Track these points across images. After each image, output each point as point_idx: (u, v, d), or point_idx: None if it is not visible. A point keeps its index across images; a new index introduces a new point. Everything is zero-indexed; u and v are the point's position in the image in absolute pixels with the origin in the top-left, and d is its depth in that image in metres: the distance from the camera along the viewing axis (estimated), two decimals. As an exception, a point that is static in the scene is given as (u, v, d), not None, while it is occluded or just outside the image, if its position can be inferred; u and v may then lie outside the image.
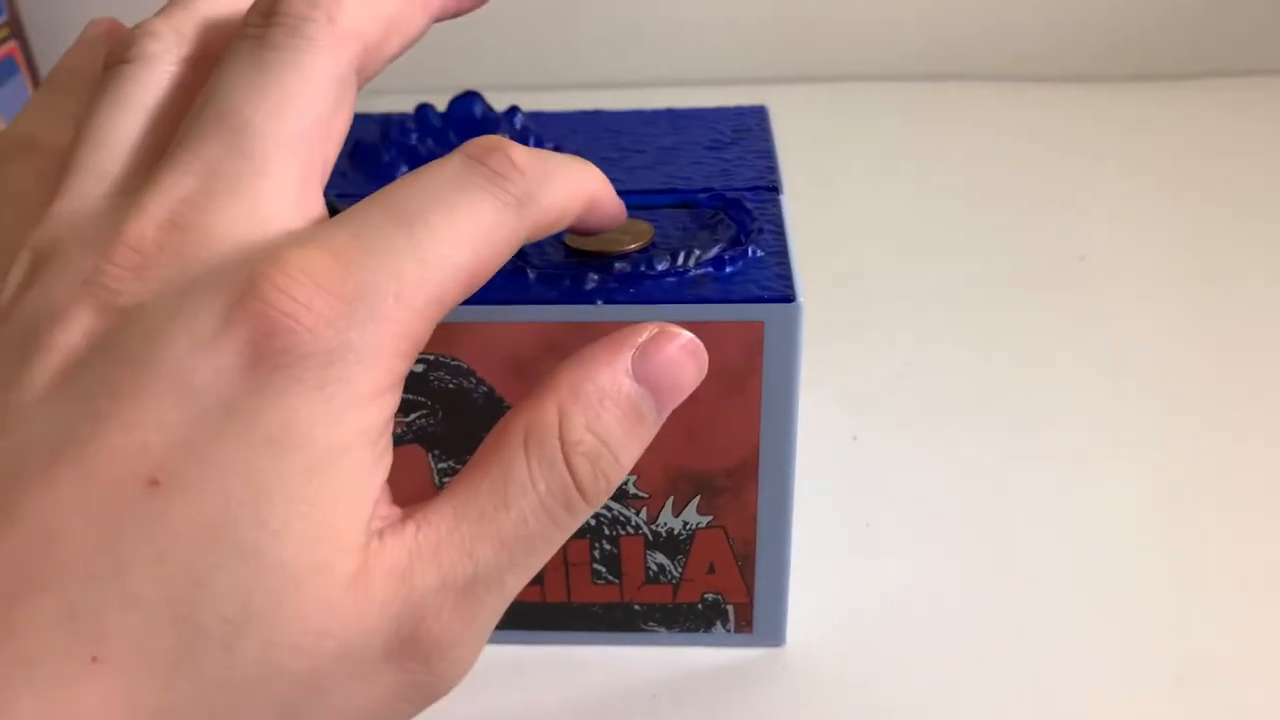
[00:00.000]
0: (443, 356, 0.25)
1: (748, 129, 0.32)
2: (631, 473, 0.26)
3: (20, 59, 0.63)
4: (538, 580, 0.29)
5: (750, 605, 0.29)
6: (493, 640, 0.30)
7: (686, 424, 0.26)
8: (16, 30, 0.63)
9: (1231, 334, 0.43)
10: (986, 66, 0.69)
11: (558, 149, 0.31)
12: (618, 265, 0.25)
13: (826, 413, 0.39)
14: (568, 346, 0.25)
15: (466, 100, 0.31)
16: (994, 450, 0.37)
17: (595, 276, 0.25)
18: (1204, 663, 0.29)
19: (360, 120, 0.34)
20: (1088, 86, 0.67)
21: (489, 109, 0.31)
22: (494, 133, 0.30)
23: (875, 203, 0.54)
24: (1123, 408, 0.39)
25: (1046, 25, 0.68)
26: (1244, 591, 0.31)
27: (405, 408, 0.26)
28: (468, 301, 0.24)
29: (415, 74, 0.69)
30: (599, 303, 0.24)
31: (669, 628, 0.29)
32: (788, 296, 0.24)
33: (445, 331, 0.25)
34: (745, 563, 0.28)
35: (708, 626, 0.29)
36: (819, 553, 0.33)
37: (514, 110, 0.31)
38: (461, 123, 0.31)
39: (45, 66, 0.69)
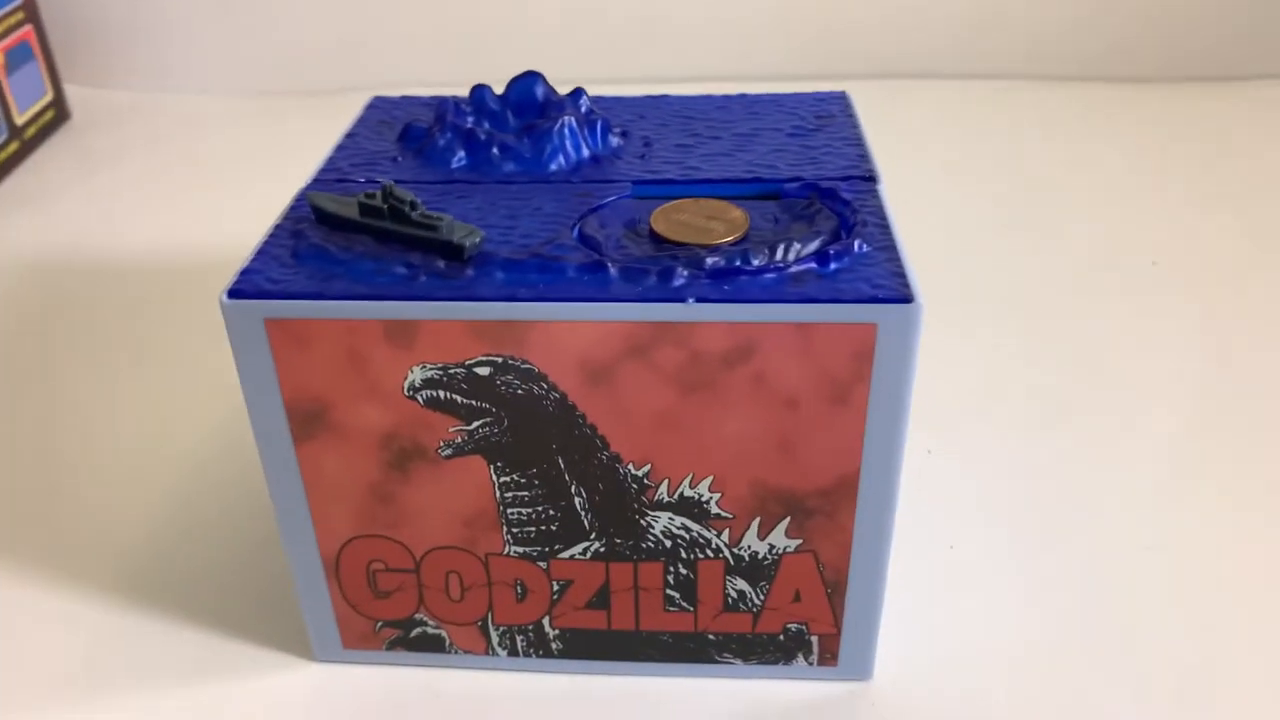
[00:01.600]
0: (512, 359, 0.22)
1: (831, 115, 0.30)
2: (714, 490, 0.24)
3: (35, 44, 0.61)
4: (603, 605, 0.26)
5: (837, 637, 0.26)
6: (551, 670, 0.27)
7: (780, 438, 0.23)
8: (32, 14, 0.61)
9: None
10: (1047, 66, 0.66)
11: (625, 134, 0.29)
12: (709, 260, 0.22)
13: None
14: (652, 350, 0.22)
15: (527, 80, 0.28)
16: (1074, 462, 0.34)
17: (684, 272, 0.22)
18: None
19: (406, 103, 0.31)
20: (1148, 87, 0.65)
21: (551, 90, 0.28)
22: (557, 115, 0.28)
23: (933, 206, 0.52)
24: (1213, 416, 0.36)
25: (1117, 24, 0.65)
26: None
27: (468, 415, 0.23)
28: (542, 298, 0.22)
29: (428, 70, 0.67)
30: (690, 300, 0.21)
31: (746, 659, 0.27)
32: (905, 296, 0.21)
33: (516, 330, 0.22)
34: (835, 591, 0.25)
35: (788, 658, 0.27)
36: (902, 579, 0.30)
37: (579, 92, 0.28)
38: (522, 105, 0.28)
39: (60, 51, 0.67)
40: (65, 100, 0.64)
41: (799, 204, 0.25)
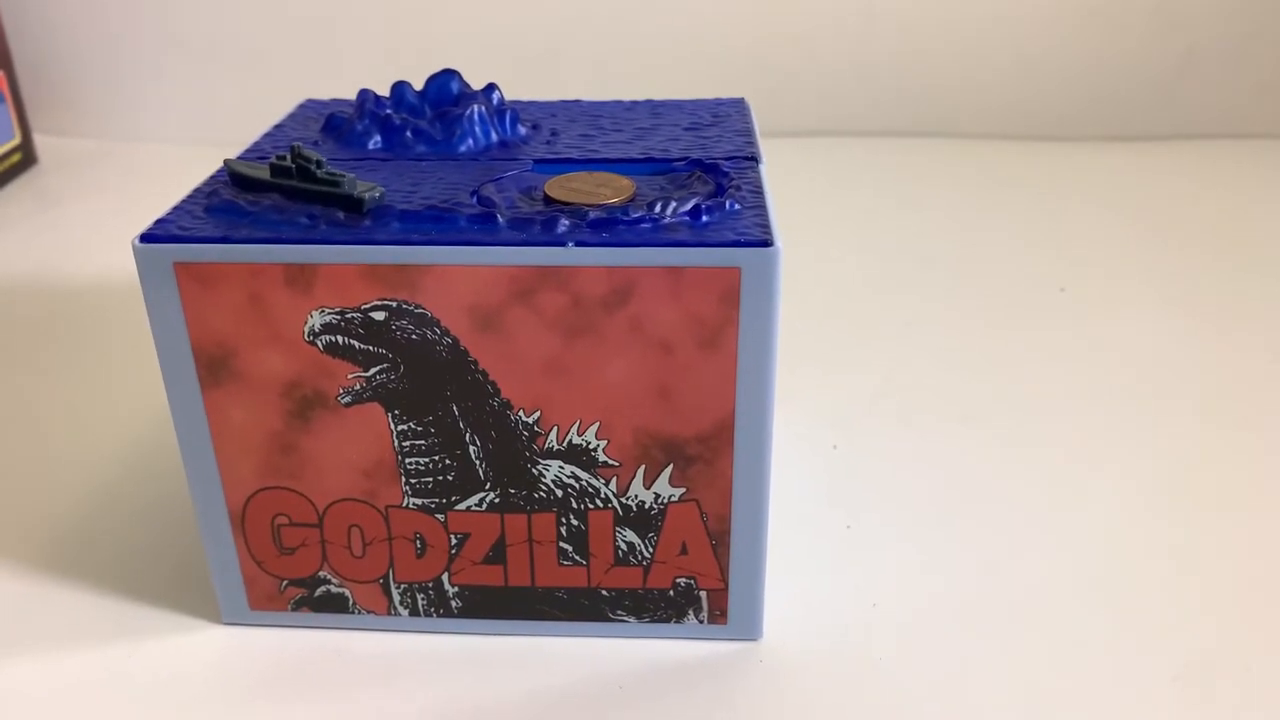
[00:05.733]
0: (406, 304, 0.24)
1: (727, 114, 0.32)
2: (601, 437, 0.25)
3: (5, 88, 0.63)
4: (500, 560, 0.27)
5: (725, 592, 0.27)
6: (451, 630, 0.28)
7: (658, 382, 0.25)
8: (3, 60, 0.63)
9: (1202, 350, 0.42)
10: (964, 124, 0.70)
11: (535, 126, 0.31)
12: (592, 213, 0.24)
13: (807, 424, 0.38)
14: (537, 294, 0.24)
15: (444, 77, 0.30)
16: (973, 458, 0.36)
17: (567, 221, 0.24)
18: (1185, 662, 0.27)
19: (335, 104, 0.34)
20: (1062, 145, 0.68)
21: (466, 85, 0.31)
22: (469, 107, 0.30)
23: (858, 246, 0.54)
24: (1099, 418, 0.38)
25: (1024, 87, 0.69)
26: (1225, 589, 0.30)
27: (365, 360, 0.25)
28: (434, 242, 0.23)
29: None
30: (570, 244, 0.23)
31: (639, 617, 0.28)
32: (765, 241, 0.23)
33: (409, 275, 0.24)
34: (719, 542, 0.27)
35: (680, 616, 0.28)
36: (799, 552, 0.31)
37: (492, 87, 0.31)
38: (439, 100, 0.31)
39: (31, 101, 0.70)
40: (33, 145, 0.66)
41: (683, 176, 0.27)
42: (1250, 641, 0.28)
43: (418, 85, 0.31)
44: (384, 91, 0.33)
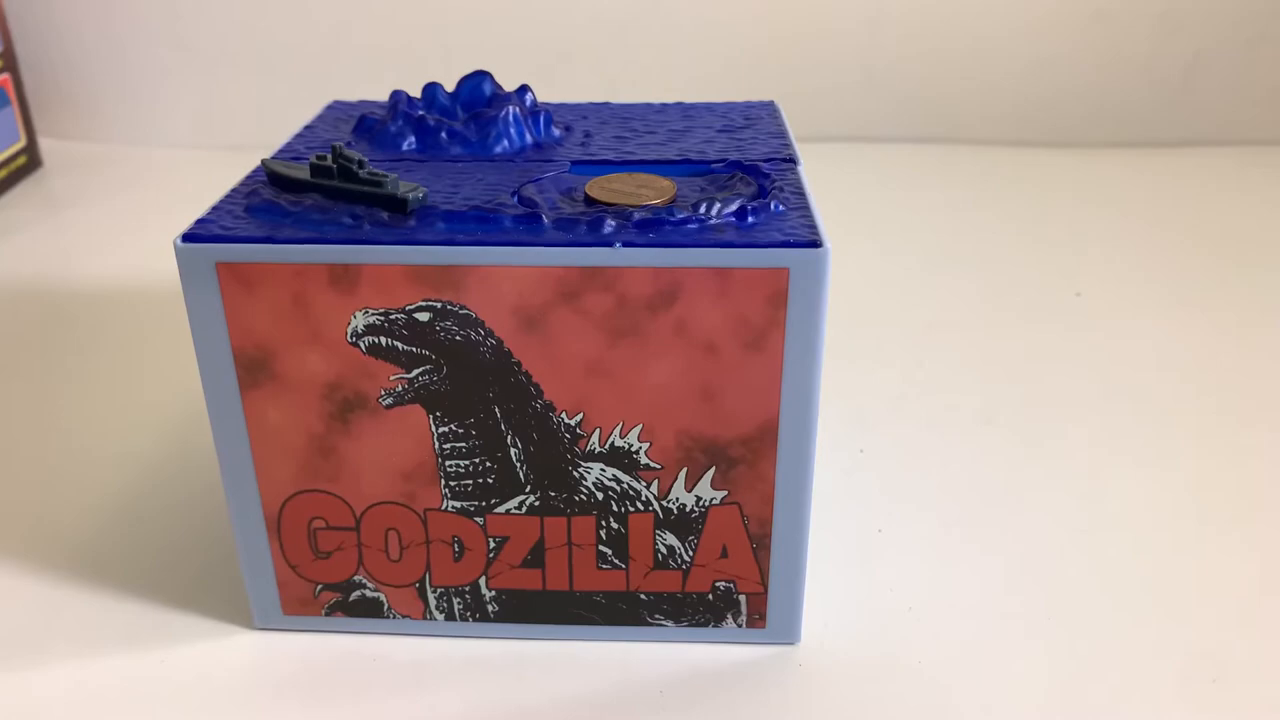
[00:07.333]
0: (450, 304, 0.24)
1: (759, 117, 0.32)
2: (643, 439, 0.25)
3: (11, 91, 0.63)
4: (538, 563, 0.27)
5: (764, 596, 0.27)
6: (488, 635, 0.28)
7: (703, 385, 0.24)
8: (10, 64, 0.63)
9: (1218, 354, 0.42)
10: (973, 131, 0.70)
11: (568, 128, 0.31)
12: (636, 214, 0.24)
13: (834, 428, 0.38)
14: (582, 295, 0.24)
15: (476, 78, 0.30)
16: (998, 461, 0.36)
17: (613, 222, 0.24)
18: (1220, 663, 0.27)
19: (364, 105, 0.33)
20: (1071, 151, 0.69)
21: (498, 87, 0.30)
22: (504, 108, 0.29)
23: (872, 251, 0.54)
24: (1120, 421, 0.38)
25: (1033, 95, 0.69)
26: (1259, 589, 0.30)
27: (409, 362, 0.24)
28: (479, 242, 0.23)
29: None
30: (617, 245, 0.23)
31: (677, 621, 0.28)
32: (815, 242, 0.23)
33: (454, 275, 0.23)
34: (760, 545, 0.26)
35: (718, 620, 0.27)
36: (833, 557, 0.31)
37: (525, 89, 0.30)
38: (471, 101, 0.30)
39: (36, 105, 0.69)
40: (38, 149, 0.66)
41: (723, 178, 0.27)
42: (1288, 644, 0.28)
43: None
44: (410, 92, 0.32)
